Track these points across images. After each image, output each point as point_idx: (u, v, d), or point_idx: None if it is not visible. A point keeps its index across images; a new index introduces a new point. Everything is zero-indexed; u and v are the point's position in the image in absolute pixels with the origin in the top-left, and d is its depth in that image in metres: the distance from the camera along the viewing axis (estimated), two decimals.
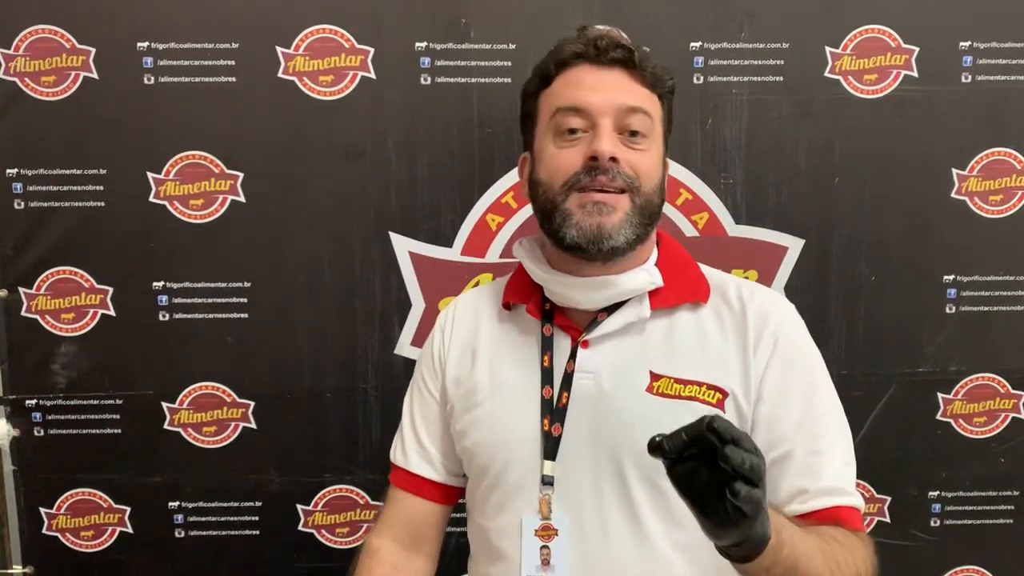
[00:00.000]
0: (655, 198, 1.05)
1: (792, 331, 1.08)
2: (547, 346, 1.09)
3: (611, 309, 1.07)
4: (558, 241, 1.04)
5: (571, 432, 1.04)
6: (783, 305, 1.11)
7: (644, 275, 1.06)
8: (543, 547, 1.04)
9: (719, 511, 0.74)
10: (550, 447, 1.05)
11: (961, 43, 1.50)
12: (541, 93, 1.08)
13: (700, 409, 1.03)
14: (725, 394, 1.03)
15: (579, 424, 1.05)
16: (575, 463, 1.04)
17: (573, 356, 1.07)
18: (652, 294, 1.07)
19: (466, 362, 1.14)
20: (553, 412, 1.05)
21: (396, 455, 1.20)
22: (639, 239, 1.04)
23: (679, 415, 1.02)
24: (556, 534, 1.04)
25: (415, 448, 1.18)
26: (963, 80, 1.51)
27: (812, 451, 1.02)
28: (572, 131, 1.03)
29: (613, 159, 1.00)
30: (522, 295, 1.12)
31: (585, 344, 1.07)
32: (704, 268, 1.14)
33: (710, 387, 1.03)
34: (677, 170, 1.51)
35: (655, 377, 1.04)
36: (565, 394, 1.06)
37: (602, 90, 1.02)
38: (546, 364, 1.08)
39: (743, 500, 0.72)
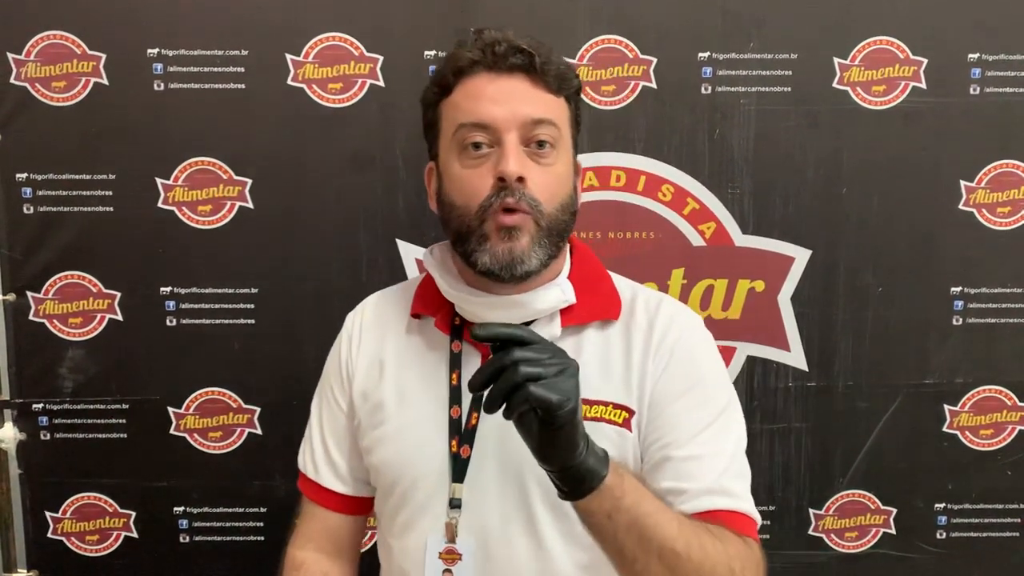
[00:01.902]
0: (561, 215, 1.00)
1: (692, 342, 1.04)
2: (455, 363, 1.04)
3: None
4: (471, 264, 1.00)
5: (479, 454, 1.01)
6: (688, 318, 1.07)
7: (557, 292, 1.02)
8: (445, 570, 1.01)
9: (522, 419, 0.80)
10: (459, 469, 1.01)
11: (970, 55, 1.50)
12: (441, 102, 1.03)
13: (606, 429, 1.00)
14: (632, 413, 1.00)
15: (488, 446, 1.01)
16: (483, 486, 1.01)
17: None
18: (563, 311, 1.03)
19: (373, 375, 1.09)
20: (462, 434, 1.02)
21: (306, 466, 1.16)
22: (551, 256, 1.00)
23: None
24: (460, 559, 1.01)
25: (324, 461, 1.14)
26: (971, 92, 1.51)
27: (693, 455, 0.97)
28: (476, 146, 0.98)
29: (520, 179, 0.96)
30: (431, 307, 1.08)
31: None
32: (616, 279, 1.10)
33: (616, 406, 1.00)
34: (685, 179, 1.51)
35: None
36: (475, 415, 1.02)
37: (504, 101, 0.97)
38: (454, 382, 1.04)
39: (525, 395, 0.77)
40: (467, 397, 1.02)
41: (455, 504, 1.01)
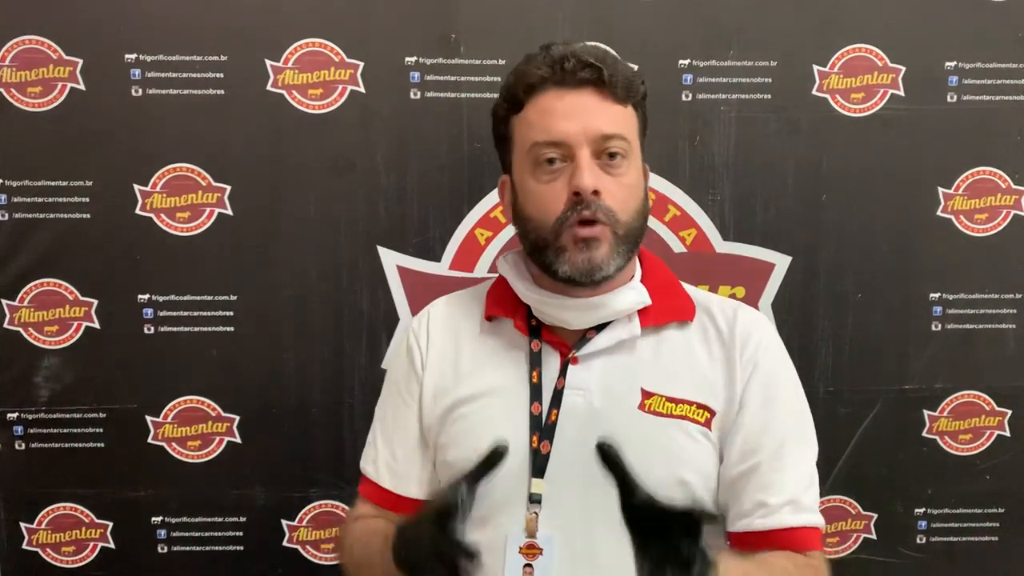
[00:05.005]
0: (636, 222, 1.04)
1: (772, 352, 1.09)
2: (536, 362, 1.08)
3: (600, 326, 1.07)
4: (551, 273, 1.04)
5: (560, 450, 1.04)
6: (765, 325, 1.12)
7: (633, 294, 1.06)
8: (526, 565, 1.03)
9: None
10: (538, 464, 1.04)
11: (947, 63, 1.52)
12: (512, 117, 1.07)
13: (690, 428, 1.03)
14: (713, 413, 1.04)
15: (569, 442, 1.04)
16: (563, 482, 1.03)
17: (563, 373, 1.06)
18: (641, 312, 1.07)
19: (448, 374, 1.12)
20: (542, 429, 1.05)
21: (367, 468, 1.17)
22: (627, 262, 1.05)
23: (671, 433, 1.03)
24: (541, 553, 1.02)
25: (390, 463, 1.15)
26: (949, 99, 1.53)
27: (776, 467, 1.03)
28: (550, 161, 1.02)
29: (595, 192, 1.00)
30: (506, 309, 1.11)
31: (575, 361, 1.07)
32: (685, 285, 1.14)
33: (699, 406, 1.04)
34: (665, 186, 1.51)
35: (646, 395, 1.04)
36: (554, 411, 1.05)
37: (575, 116, 1.01)
38: (535, 380, 1.07)
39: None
40: (547, 394, 1.06)
41: (535, 499, 1.03)
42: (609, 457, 0.86)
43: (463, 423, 1.09)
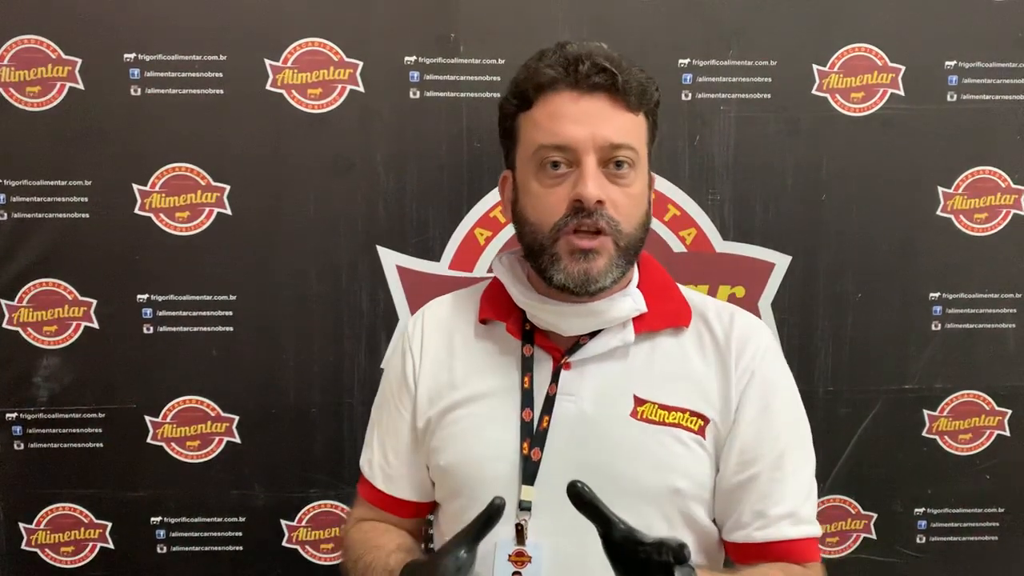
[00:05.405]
0: (638, 233, 1.03)
1: (770, 360, 1.08)
2: (528, 367, 1.07)
3: (593, 332, 1.06)
4: (546, 279, 1.03)
5: (551, 457, 1.03)
6: (762, 332, 1.10)
7: (628, 301, 1.05)
8: (515, 573, 1.02)
9: None
10: (529, 471, 1.03)
11: (947, 62, 1.52)
12: (520, 115, 1.05)
13: (683, 436, 1.02)
14: (707, 421, 1.03)
15: (560, 449, 1.03)
16: (554, 489, 0.99)
17: (555, 378, 1.05)
18: (635, 318, 1.05)
19: (441, 378, 1.11)
20: (533, 436, 1.03)
21: (364, 468, 1.18)
22: (624, 273, 1.03)
23: (663, 441, 1.02)
24: (530, 561, 1.02)
25: (383, 466, 1.15)
26: (948, 99, 1.53)
27: (775, 478, 1.02)
28: (555, 164, 1.00)
29: (599, 202, 0.98)
30: (500, 312, 1.10)
31: (567, 366, 1.06)
32: (683, 289, 1.13)
33: (693, 414, 1.03)
34: (665, 186, 1.51)
35: (639, 402, 1.03)
36: (546, 418, 1.04)
37: (585, 122, 0.98)
38: (526, 386, 1.06)
39: None
40: (539, 400, 1.05)
41: (524, 507, 1.02)
42: (582, 498, 0.85)
43: (454, 427, 1.08)
